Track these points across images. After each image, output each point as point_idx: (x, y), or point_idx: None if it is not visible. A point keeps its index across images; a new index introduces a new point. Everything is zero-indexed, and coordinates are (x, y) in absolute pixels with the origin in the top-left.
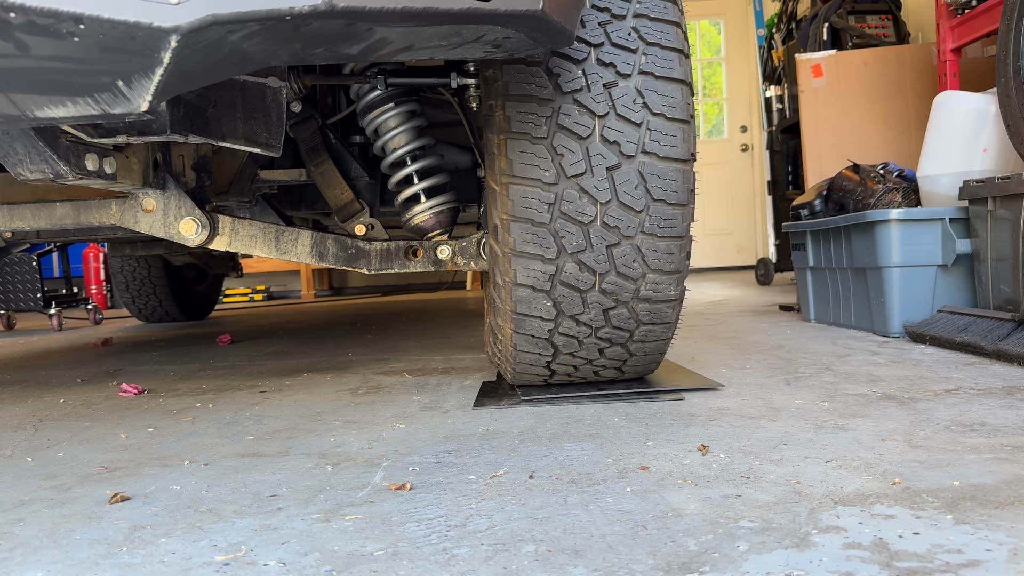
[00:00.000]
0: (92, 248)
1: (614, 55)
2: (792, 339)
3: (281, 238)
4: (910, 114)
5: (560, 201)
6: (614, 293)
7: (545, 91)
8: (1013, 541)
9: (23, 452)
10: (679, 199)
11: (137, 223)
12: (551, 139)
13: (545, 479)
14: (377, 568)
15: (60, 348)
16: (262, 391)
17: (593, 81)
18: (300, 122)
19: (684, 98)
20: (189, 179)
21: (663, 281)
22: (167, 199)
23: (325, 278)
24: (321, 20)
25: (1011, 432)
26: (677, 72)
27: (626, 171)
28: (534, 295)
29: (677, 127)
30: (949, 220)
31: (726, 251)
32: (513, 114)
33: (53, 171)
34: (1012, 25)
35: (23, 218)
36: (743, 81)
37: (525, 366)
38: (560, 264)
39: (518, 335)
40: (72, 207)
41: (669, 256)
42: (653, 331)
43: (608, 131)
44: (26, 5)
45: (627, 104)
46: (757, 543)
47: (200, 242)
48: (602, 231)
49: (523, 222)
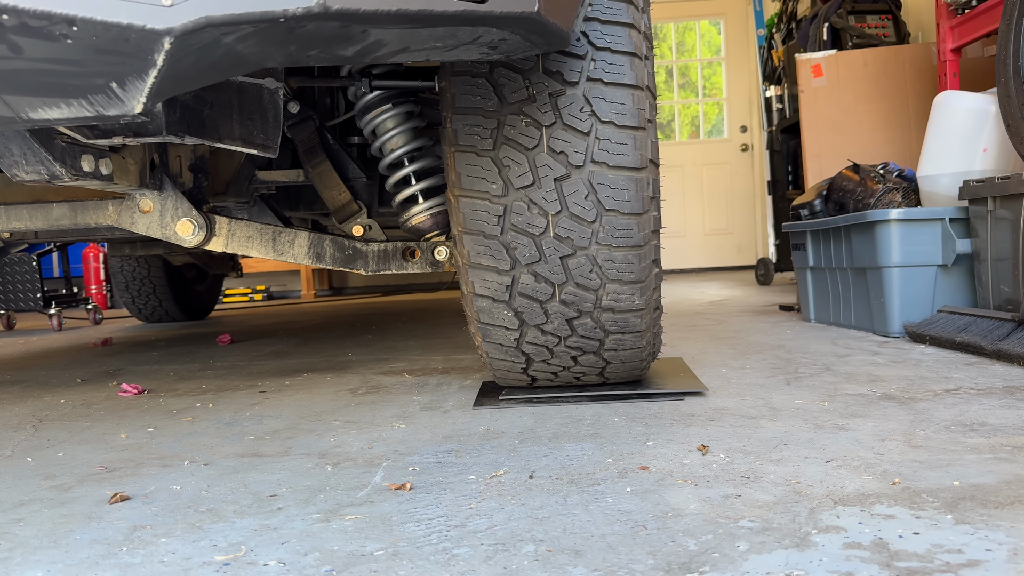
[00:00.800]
0: (92, 248)
1: (560, 63)
2: (792, 339)
3: (278, 239)
4: (910, 114)
5: (509, 213)
6: (575, 303)
7: (490, 103)
8: (1013, 541)
9: (23, 452)
10: (633, 208)
11: (134, 224)
12: (497, 151)
13: (545, 479)
14: (377, 568)
15: (60, 348)
16: (262, 391)
17: (538, 91)
18: (298, 123)
19: (636, 104)
20: (186, 180)
21: (624, 291)
22: (164, 200)
23: (325, 278)
24: (315, 22)
25: (1011, 432)
26: (628, 77)
27: (575, 181)
28: (494, 305)
29: (628, 134)
30: (949, 220)
31: (726, 251)
32: (460, 127)
33: (49, 172)
34: (1012, 25)
35: (20, 219)
36: (743, 81)
37: (503, 372)
38: (516, 275)
39: (487, 343)
40: (69, 208)
41: (627, 266)
42: (623, 340)
43: (555, 141)
44: (19, 7)
45: (573, 113)
46: (757, 543)
47: (197, 243)
48: (555, 243)
49: (475, 235)
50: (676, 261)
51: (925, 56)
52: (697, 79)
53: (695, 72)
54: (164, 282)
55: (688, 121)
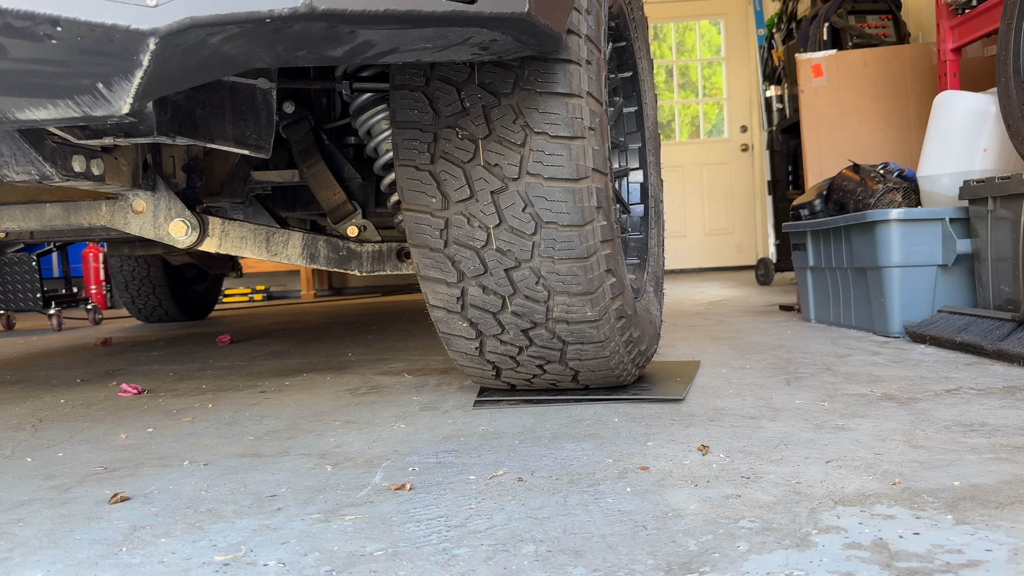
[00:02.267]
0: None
1: (493, 74)
2: (792, 339)
3: (272, 240)
4: (910, 114)
5: (451, 227)
6: (527, 315)
7: (426, 116)
8: (1013, 541)
9: (23, 452)
10: (572, 220)
11: (127, 224)
12: (435, 165)
13: (545, 479)
14: (377, 568)
15: (60, 348)
16: (262, 391)
17: (472, 104)
18: (293, 123)
19: (571, 112)
20: (179, 180)
21: (574, 303)
22: (157, 200)
23: (325, 278)
24: (302, 23)
25: (1011, 432)
26: (561, 86)
27: (511, 194)
28: (449, 316)
29: (562, 145)
30: (949, 220)
31: (726, 251)
32: (400, 141)
33: (39, 173)
34: (1012, 25)
35: (13, 219)
36: (743, 81)
37: (479, 379)
38: (464, 287)
39: (452, 352)
40: (62, 208)
41: (572, 278)
42: (584, 350)
43: (489, 155)
44: (3, 7)
45: (506, 125)
46: (757, 543)
47: (190, 244)
48: (497, 255)
49: (422, 248)
50: (676, 261)
51: (925, 56)
52: (697, 79)
53: (695, 72)
54: (164, 282)
55: (688, 121)
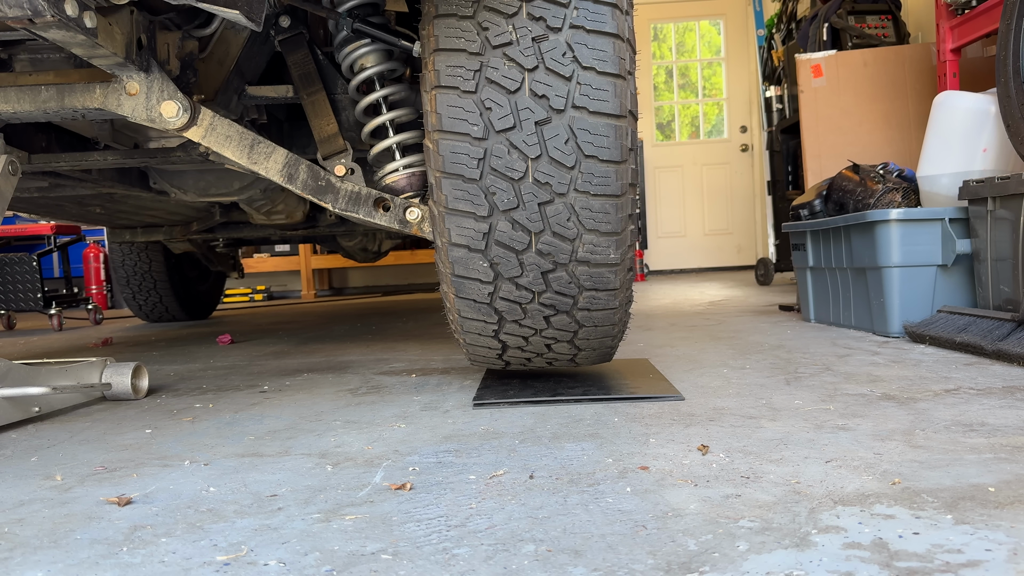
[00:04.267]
0: (92, 248)
1: (544, 9)
2: (792, 339)
3: (255, 148)
4: (910, 114)
5: (490, 156)
6: (551, 254)
7: (474, 44)
8: (1013, 541)
9: (23, 452)
10: (612, 155)
11: (120, 106)
12: (479, 93)
13: (545, 479)
14: (377, 568)
15: (60, 348)
16: (262, 391)
17: (522, 35)
18: (290, 39)
19: (617, 52)
20: (173, 67)
21: (600, 243)
22: (151, 82)
23: (325, 278)
24: None
25: (1011, 432)
26: (609, 26)
27: (556, 126)
28: (470, 255)
29: (608, 81)
30: (949, 220)
31: (726, 251)
32: (442, 67)
33: (32, 8)
34: (1012, 25)
35: (8, 100)
36: (743, 81)
37: (474, 336)
38: (493, 222)
39: (460, 299)
40: (56, 91)
41: (604, 216)
42: (597, 298)
43: (536, 85)
44: None
45: (556, 58)
46: (757, 543)
47: (180, 126)
48: (533, 188)
49: (454, 178)
50: (676, 261)
51: (925, 56)
52: (697, 79)
53: (695, 72)
54: (165, 277)
55: (688, 121)
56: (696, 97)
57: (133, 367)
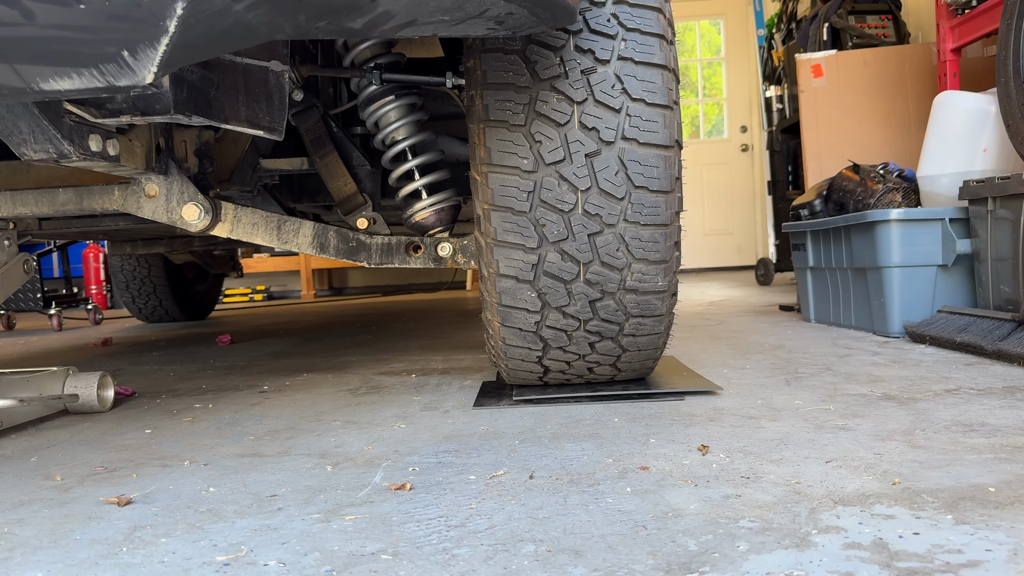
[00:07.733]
0: (92, 248)
1: (592, 41)
2: (792, 339)
3: (283, 227)
4: (910, 114)
5: (539, 189)
6: (599, 284)
7: (522, 78)
8: (1013, 541)
9: (23, 452)
10: (662, 186)
11: (140, 208)
12: (529, 126)
13: (545, 479)
14: (377, 568)
15: (60, 348)
16: (262, 391)
17: (571, 68)
18: (303, 111)
19: (665, 83)
20: (191, 165)
21: (649, 271)
22: (170, 184)
23: (325, 278)
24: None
25: (1011, 432)
26: (657, 57)
27: (606, 157)
28: (518, 286)
29: (658, 112)
30: (949, 220)
31: (726, 251)
32: (491, 102)
33: (57, 151)
34: (1012, 25)
35: (26, 204)
36: (743, 81)
37: (516, 361)
38: (542, 254)
39: (505, 328)
40: (75, 193)
41: (654, 245)
42: (643, 324)
43: (586, 117)
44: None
45: (605, 90)
46: (757, 543)
47: (203, 227)
48: (583, 219)
49: (503, 211)
50: None
51: (925, 56)
52: (697, 79)
53: (695, 72)
54: (164, 281)
55: (688, 121)
56: (696, 97)
57: (99, 376)
